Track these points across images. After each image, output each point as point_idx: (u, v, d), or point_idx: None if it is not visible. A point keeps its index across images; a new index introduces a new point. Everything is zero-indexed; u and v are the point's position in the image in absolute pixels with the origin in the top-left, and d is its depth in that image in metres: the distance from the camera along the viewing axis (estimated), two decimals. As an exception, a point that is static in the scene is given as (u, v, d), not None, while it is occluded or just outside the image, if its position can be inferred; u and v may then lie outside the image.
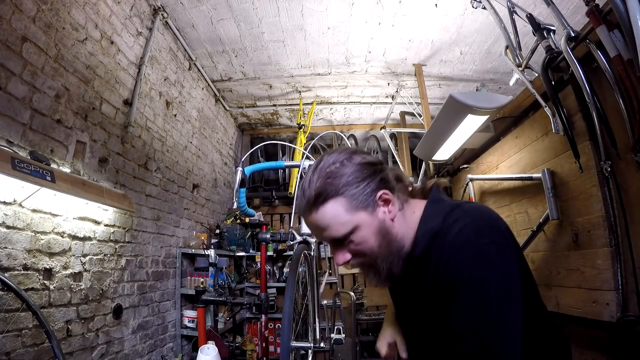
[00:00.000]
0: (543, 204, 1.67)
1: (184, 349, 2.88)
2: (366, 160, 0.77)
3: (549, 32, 1.54)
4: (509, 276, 0.67)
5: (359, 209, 0.74)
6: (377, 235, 0.75)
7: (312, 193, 0.74)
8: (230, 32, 3.05)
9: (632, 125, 1.10)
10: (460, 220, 0.73)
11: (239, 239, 3.62)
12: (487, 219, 0.74)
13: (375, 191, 0.75)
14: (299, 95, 4.15)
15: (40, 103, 1.62)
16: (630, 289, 1.22)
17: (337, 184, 0.73)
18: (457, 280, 0.67)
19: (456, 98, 1.64)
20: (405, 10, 2.84)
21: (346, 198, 0.73)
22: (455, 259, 0.69)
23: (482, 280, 0.66)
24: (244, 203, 1.56)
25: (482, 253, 0.68)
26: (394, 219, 0.77)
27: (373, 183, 0.75)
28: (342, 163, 0.75)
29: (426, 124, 3.40)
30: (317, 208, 0.74)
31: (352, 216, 0.73)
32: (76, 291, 1.79)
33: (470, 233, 0.70)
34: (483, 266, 0.67)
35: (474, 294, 0.66)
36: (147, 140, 2.56)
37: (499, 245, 0.69)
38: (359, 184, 0.74)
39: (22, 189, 1.47)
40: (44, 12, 1.64)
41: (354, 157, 0.76)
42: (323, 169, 0.75)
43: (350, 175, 0.74)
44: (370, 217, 0.74)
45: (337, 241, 0.76)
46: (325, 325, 2.36)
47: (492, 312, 0.64)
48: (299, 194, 0.78)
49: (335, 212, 0.73)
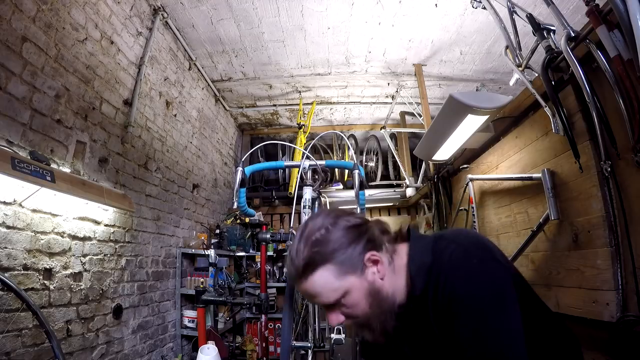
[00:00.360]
0: (543, 204, 1.67)
1: (184, 349, 2.88)
2: (351, 223, 0.78)
3: (549, 32, 1.54)
4: (502, 285, 0.71)
5: (348, 274, 0.75)
6: (368, 297, 0.76)
7: (300, 263, 0.75)
8: (230, 32, 3.05)
9: (632, 125, 1.10)
10: (447, 248, 0.76)
11: (239, 239, 3.62)
12: (471, 241, 0.78)
13: (362, 254, 0.76)
14: (299, 95, 4.15)
15: (40, 103, 1.62)
16: (630, 289, 1.22)
17: (324, 252, 0.74)
18: (455, 298, 0.71)
19: (456, 98, 1.64)
20: (405, 10, 2.84)
21: (335, 265, 0.74)
22: (450, 281, 0.72)
23: (477, 293, 0.70)
24: (244, 203, 1.56)
25: (473, 271, 0.72)
26: (383, 278, 0.78)
27: (360, 246, 0.76)
28: (327, 230, 0.76)
29: (426, 124, 3.40)
30: (307, 277, 0.75)
31: (342, 282, 0.74)
32: (76, 291, 1.79)
33: (459, 257, 0.74)
34: (476, 281, 0.71)
35: (471, 306, 0.69)
36: (147, 140, 2.56)
37: (487, 260, 0.74)
38: (347, 249, 0.75)
39: (22, 189, 1.47)
40: (44, 12, 1.64)
41: (339, 221, 0.77)
42: (309, 238, 0.76)
43: (336, 241, 0.75)
44: (360, 280, 0.76)
45: (330, 305, 0.78)
46: (325, 325, 2.35)
47: (491, 319, 0.68)
48: (287, 263, 0.79)
49: (325, 280, 0.74)
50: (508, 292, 0.71)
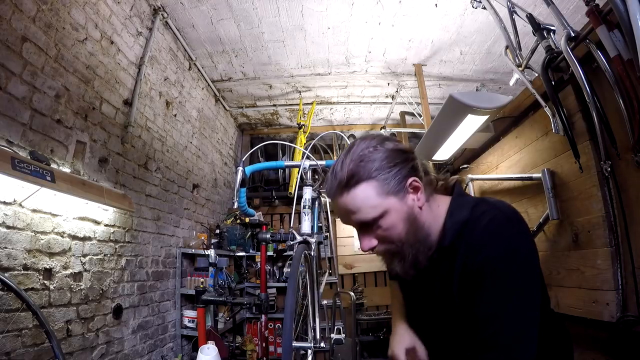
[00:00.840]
0: (543, 204, 1.67)
1: (184, 349, 2.87)
2: (398, 147, 0.78)
3: (549, 32, 1.54)
4: (534, 267, 0.70)
5: (389, 194, 0.74)
6: (406, 221, 0.76)
7: (344, 175, 0.74)
8: (230, 32, 3.05)
9: (632, 125, 1.10)
10: (488, 212, 0.74)
11: (239, 239, 3.62)
12: (514, 212, 0.76)
13: (405, 178, 0.75)
14: (299, 95, 4.15)
15: (40, 103, 1.62)
16: (630, 289, 1.22)
17: (369, 168, 0.74)
18: (487, 267, 0.68)
19: (456, 98, 1.64)
20: (405, 10, 2.84)
21: (378, 182, 0.74)
22: (485, 246, 0.70)
23: (512, 269, 0.68)
24: (245, 203, 1.56)
25: (511, 243, 0.69)
26: (421, 207, 0.77)
27: (404, 170, 0.76)
28: (375, 148, 0.76)
29: (426, 124, 3.40)
30: (349, 190, 0.74)
31: (382, 200, 0.74)
32: (76, 291, 1.79)
33: (500, 224, 0.72)
34: (512, 255, 0.68)
35: (503, 282, 0.67)
36: (147, 140, 2.56)
37: (526, 235, 0.72)
38: (391, 169, 0.74)
39: (22, 189, 1.47)
40: (44, 12, 1.64)
41: (386, 143, 0.77)
42: (356, 153, 0.76)
43: (382, 160, 0.75)
44: (400, 203, 0.75)
45: (365, 225, 0.77)
46: (325, 325, 2.36)
47: (518, 300, 0.66)
48: (329, 177, 0.78)
49: (367, 195, 0.74)
50: (536, 273, 0.70)
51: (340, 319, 3.80)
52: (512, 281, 0.67)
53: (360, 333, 3.85)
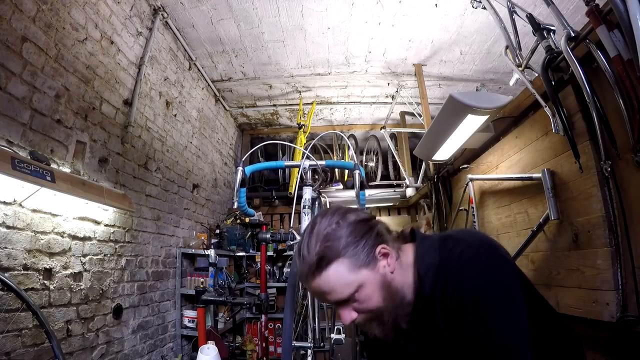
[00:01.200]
0: (543, 204, 1.67)
1: (184, 349, 2.88)
2: (360, 217, 0.79)
3: (549, 32, 1.54)
4: (510, 282, 0.72)
5: (361, 267, 0.75)
6: (381, 290, 0.76)
7: (313, 258, 0.74)
8: (230, 32, 3.05)
9: (632, 125, 1.10)
10: (456, 247, 0.76)
11: (239, 239, 3.62)
12: (478, 239, 0.78)
13: (374, 247, 0.76)
14: (299, 95, 4.15)
15: (40, 103, 1.62)
16: (630, 289, 1.22)
17: (337, 246, 0.74)
18: (464, 297, 0.70)
19: (456, 98, 1.64)
20: (405, 10, 2.84)
21: (348, 258, 0.74)
22: (459, 280, 0.72)
23: (486, 291, 0.70)
24: (244, 203, 1.56)
25: (482, 270, 0.71)
26: (393, 271, 0.78)
27: (370, 239, 0.76)
28: (338, 224, 0.76)
29: (426, 124, 3.40)
30: (321, 272, 0.74)
31: (355, 275, 0.74)
32: (76, 291, 1.79)
33: (468, 255, 0.74)
34: (486, 281, 0.70)
35: (480, 305, 0.70)
36: (147, 140, 2.56)
37: (496, 258, 0.74)
38: (358, 242, 0.75)
39: (22, 189, 1.47)
40: (44, 12, 1.64)
41: (348, 216, 0.78)
42: (320, 233, 0.76)
43: (347, 235, 0.75)
44: (373, 274, 0.76)
45: (342, 302, 0.77)
46: (325, 325, 2.35)
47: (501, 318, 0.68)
48: (298, 261, 0.78)
49: (339, 274, 0.74)
50: (516, 290, 0.71)
51: (340, 319, 3.80)
52: (492, 305, 0.69)
53: (360, 333, 3.84)
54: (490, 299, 0.69)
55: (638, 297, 1.19)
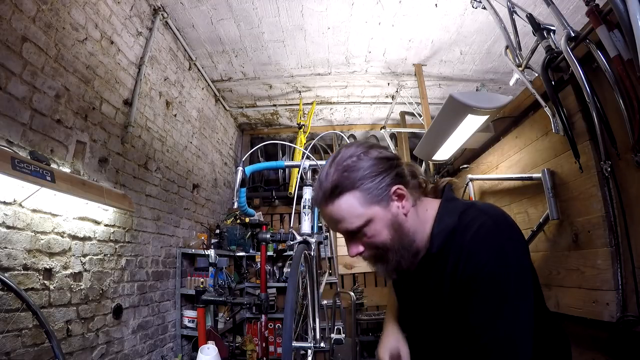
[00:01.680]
0: (543, 204, 1.67)
1: (184, 349, 2.88)
2: (382, 154, 0.78)
3: (549, 32, 1.54)
4: (526, 273, 0.70)
5: (373, 203, 0.75)
6: (390, 228, 0.76)
7: (328, 186, 0.75)
8: (230, 32, 3.05)
9: (632, 125, 1.10)
10: (477, 218, 0.74)
11: (239, 239, 3.62)
12: (503, 217, 0.76)
13: (390, 186, 0.76)
14: (299, 95, 4.15)
15: (40, 103, 1.62)
16: (630, 289, 1.22)
17: (353, 178, 0.75)
18: (478, 275, 0.69)
19: (456, 98, 1.64)
20: (405, 10, 2.84)
21: (361, 192, 0.75)
22: (476, 255, 0.70)
23: (503, 276, 0.68)
24: (245, 203, 1.56)
25: (501, 249, 0.70)
26: (407, 214, 0.78)
27: (388, 178, 0.76)
28: (359, 157, 0.76)
29: (426, 124, 3.40)
30: (333, 201, 0.76)
31: (366, 209, 0.75)
32: (76, 291, 1.79)
33: (489, 230, 0.72)
34: (503, 262, 0.68)
35: (494, 289, 0.68)
36: (147, 140, 2.56)
37: (516, 242, 0.72)
38: (375, 178, 0.75)
39: (22, 189, 1.47)
40: (44, 12, 1.64)
41: (371, 151, 0.78)
42: (340, 162, 0.76)
43: (366, 169, 0.75)
44: (384, 211, 0.76)
45: (351, 233, 0.78)
46: (325, 325, 2.36)
47: (511, 308, 0.67)
48: (315, 186, 0.80)
49: (350, 205, 0.75)
50: (529, 278, 0.70)
51: (340, 319, 3.80)
52: (503, 288, 0.67)
53: (360, 333, 3.85)
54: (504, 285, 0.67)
55: (638, 297, 1.19)
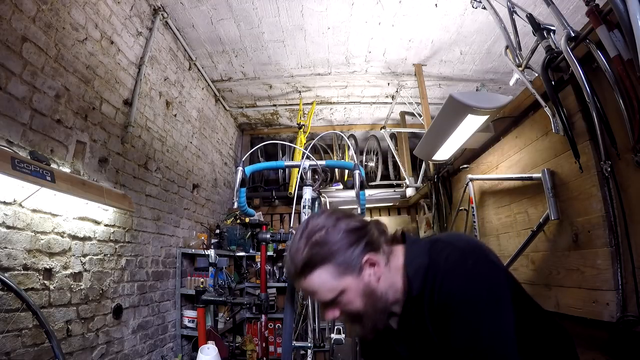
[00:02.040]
0: (543, 204, 1.67)
1: (184, 349, 2.88)
2: (351, 226, 0.80)
3: (549, 32, 1.54)
4: (497, 286, 0.73)
5: (345, 275, 0.77)
6: (363, 297, 0.79)
7: (299, 262, 0.78)
8: (230, 32, 3.05)
9: (632, 125, 1.10)
10: (444, 250, 0.78)
11: (239, 239, 3.62)
12: (467, 244, 0.79)
13: (360, 256, 0.78)
14: (299, 95, 4.15)
15: (40, 103, 1.62)
16: (630, 289, 1.22)
17: (323, 253, 0.76)
18: (451, 301, 0.72)
19: (456, 98, 1.64)
20: (405, 10, 2.84)
21: (333, 265, 0.77)
22: (446, 283, 0.73)
23: (474, 297, 0.71)
24: (244, 203, 1.56)
25: (469, 273, 0.73)
26: (379, 279, 0.80)
27: (358, 248, 0.78)
28: (327, 231, 0.78)
29: (426, 124, 3.40)
30: (306, 276, 0.78)
31: (339, 282, 0.77)
32: (76, 291, 1.79)
33: (456, 259, 0.75)
34: (472, 285, 0.72)
35: (466, 307, 0.71)
36: (147, 140, 2.56)
37: (483, 262, 0.75)
38: (346, 251, 0.77)
39: (22, 189, 1.47)
40: (44, 12, 1.64)
41: (339, 224, 0.79)
42: (310, 238, 0.78)
43: (336, 243, 0.77)
44: (356, 281, 0.78)
45: (326, 303, 0.81)
46: (325, 325, 2.35)
47: (486, 321, 0.69)
48: (287, 261, 0.82)
49: (323, 280, 0.77)
50: (502, 293, 0.73)
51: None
52: (477, 308, 0.70)
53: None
54: (475, 302, 0.70)
55: (638, 297, 1.19)
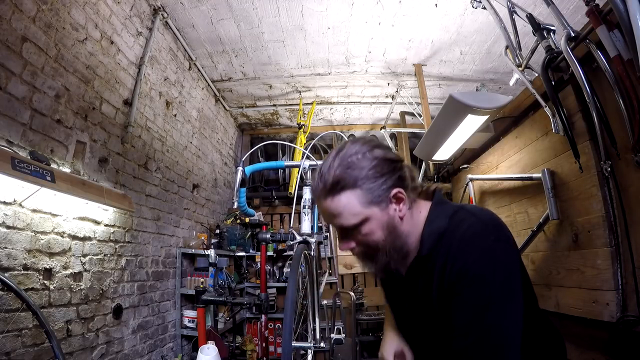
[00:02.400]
0: (543, 204, 1.67)
1: (184, 349, 2.87)
2: (386, 156, 0.78)
3: (549, 32, 1.54)
4: (513, 274, 0.70)
5: (372, 204, 0.75)
6: (384, 230, 0.77)
7: (329, 180, 0.75)
8: (230, 32, 3.05)
9: (632, 125, 1.10)
10: (466, 220, 0.75)
11: (239, 239, 3.62)
12: (491, 219, 0.76)
13: (390, 188, 0.76)
14: (299, 95, 4.15)
15: (40, 103, 1.62)
16: (630, 289, 1.22)
17: (355, 176, 0.74)
18: (465, 275, 0.69)
19: (456, 98, 1.64)
20: (405, 10, 2.84)
21: (362, 191, 0.75)
22: (462, 255, 0.70)
23: (489, 276, 0.68)
24: (244, 203, 1.56)
25: (488, 250, 0.70)
26: (402, 217, 0.78)
27: (390, 180, 0.76)
28: (364, 155, 0.76)
29: (426, 124, 3.40)
30: (333, 196, 0.76)
31: (364, 209, 0.75)
32: (76, 291, 1.79)
33: (477, 231, 0.72)
34: (489, 263, 0.69)
35: (480, 289, 0.68)
36: (147, 140, 2.56)
37: (504, 242, 0.72)
38: (376, 179, 0.75)
39: (22, 189, 1.47)
40: (44, 12, 1.64)
41: (376, 150, 0.78)
42: (344, 158, 0.76)
43: (369, 168, 0.75)
44: (381, 213, 0.76)
45: (346, 229, 0.79)
46: (325, 325, 2.36)
47: (498, 308, 0.66)
48: (316, 177, 0.79)
49: (349, 203, 0.75)
50: (517, 279, 0.70)
51: (340, 319, 3.80)
52: (490, 289, 0.67)
53: (360, 333, 3.85)
54: (490, 285, 0.67)
55: (638, 297, 1.19)
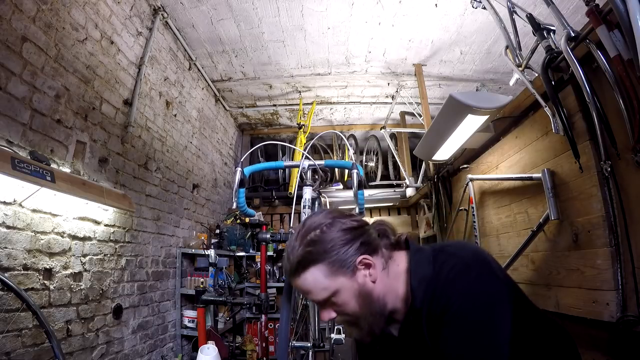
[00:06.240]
0: (543, 204, 1.67)
1: (184, 349, 2.88)
2: (347, 226, 0.80)
3: (549, 32, 1.54)
4: (496, 301, 0.72)
5: (338, 275, 0.77)
6: (358, 297, 0.79)
7: (294, 260, 0.79)
8: (230, 32, 3.05)
9: (632, 125, 1.10)
10: (448, 261, 0.77)
11: (239, 239, 3.62)
12: (473, 256, 0.78)
13: (355, 256, 0.78)
14: (299, 95, 4.15)
15: (40, 103, 1.62)
16: (630, 289, 1.22)
17: (317, 251, 0.77)
18: (447, 310, 0.71)
19: (456, 98, 1.64)
20: (405, 10, 2.84)
21: (326, 264, 0.77)
22: (446, 294, 0.73)
23: (469, 307, 0.70)
24: (244, 203, 1.56)
25: (470, 285, 0.72)
26: (375, 281, 0.80)
27: (353, 248, 0.78)
28: (322, 230, 0.79)
29: (426, 124, 3.40)
30: (299, 274, 0.78)
31: (331, 282, 0.77)
32: (76, 291, 1.79)
33: (459, 271, 0.74)
34: (470, 295, 0.71)
35: (460, 319, 0.70)
36: (147, 140, 2.56)
37: (487, 276, 0.74)
38: (339, 250, 0.77)
39: (22, 189, 1.47)
40: (44, 12, 1.64)
41: (335, 222, 0.80)
42: (305, 236, 0.79)
43: (330, 242, 0.77)
44: (351, 282, 0.78)
45: (321, 302, 0.81)
46: (325, 325, 2.35)
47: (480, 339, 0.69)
48: (284, 259, 0.83)
49: (316, 279, 0.77)
50: (501, 308, 0.72)
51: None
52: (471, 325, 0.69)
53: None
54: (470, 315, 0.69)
55: (638, 297, 1.19)
